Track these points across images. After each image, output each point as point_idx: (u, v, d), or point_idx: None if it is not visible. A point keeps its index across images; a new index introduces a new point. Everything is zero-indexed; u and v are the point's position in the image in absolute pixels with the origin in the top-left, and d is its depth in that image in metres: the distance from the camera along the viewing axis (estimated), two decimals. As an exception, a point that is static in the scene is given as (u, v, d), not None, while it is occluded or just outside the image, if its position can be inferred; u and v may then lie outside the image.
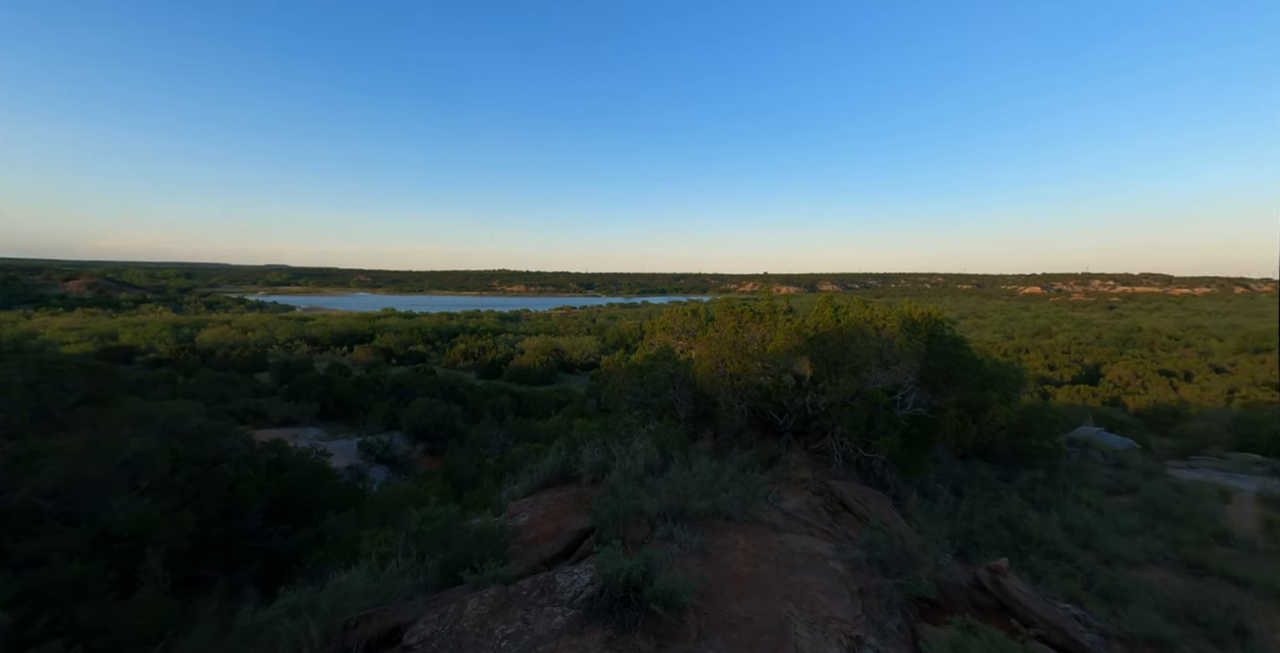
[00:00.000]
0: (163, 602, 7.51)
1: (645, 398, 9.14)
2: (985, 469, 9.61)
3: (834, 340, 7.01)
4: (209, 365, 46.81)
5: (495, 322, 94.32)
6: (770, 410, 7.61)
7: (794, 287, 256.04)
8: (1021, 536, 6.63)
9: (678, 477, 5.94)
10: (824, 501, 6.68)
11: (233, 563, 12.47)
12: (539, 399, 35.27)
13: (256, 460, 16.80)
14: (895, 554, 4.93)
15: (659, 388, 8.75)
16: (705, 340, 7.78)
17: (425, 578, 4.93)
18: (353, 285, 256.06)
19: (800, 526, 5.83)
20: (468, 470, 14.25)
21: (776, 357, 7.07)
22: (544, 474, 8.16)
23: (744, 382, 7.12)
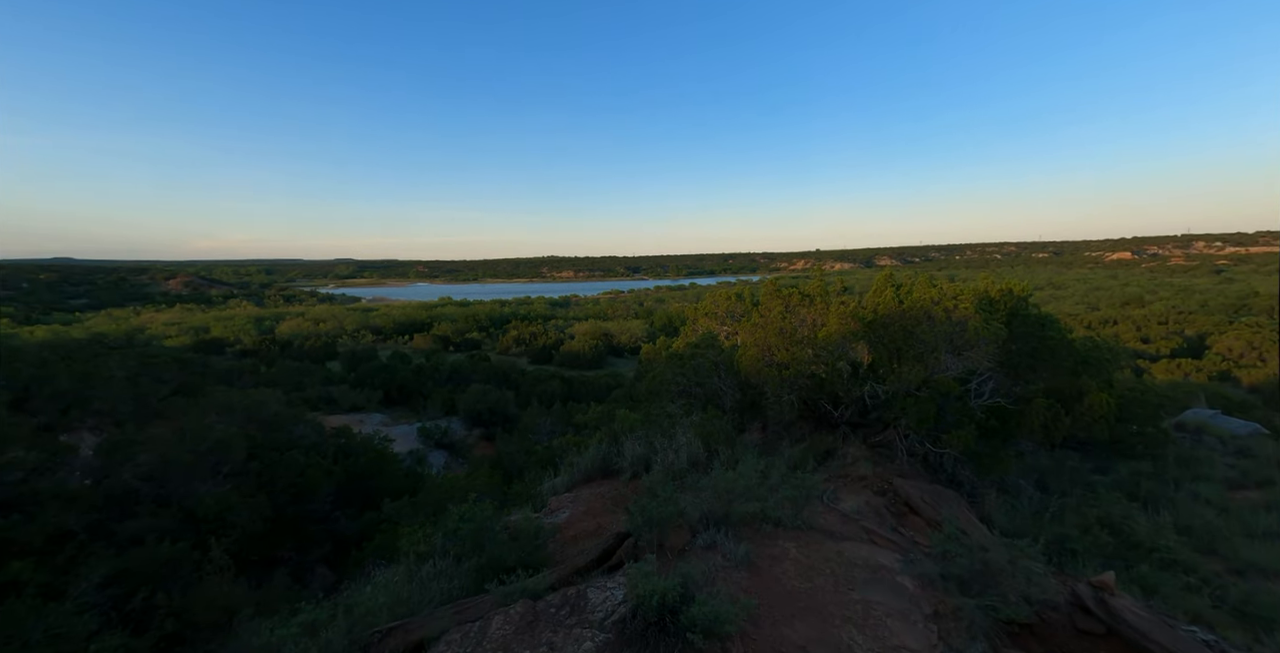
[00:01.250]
0: (230, 588, 7.93)
1: (688, 387, 8.70)
2: (1075, 460, 8.55)
3: (896, 324, 6.26)
4: (287, 355, 50.35)
5: (545, 308, 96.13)
6: (824, 401, 6.99)
7: (849, 263, 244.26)
8: (1127, 541, 5.75)
9: (721, 477, 5.49)
10: (887, 501, 6.04)
11: (305, 544, 13.25)
12: (589, 384, 35.58)
13: (325, 447, 17.79)
14: (975, 568, 4.30)
15: (702, 377, 8.26)
16: (750, 327, 7.19)
17: (459, 581, 4.78)
18: (412, 276, 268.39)
19: (859, 531, 5.26)
20: (516, 459, 14.42)
21: (830, 343, 6.41)
22: (584, 468, 7.93)
23: (793, 371, 6.53)
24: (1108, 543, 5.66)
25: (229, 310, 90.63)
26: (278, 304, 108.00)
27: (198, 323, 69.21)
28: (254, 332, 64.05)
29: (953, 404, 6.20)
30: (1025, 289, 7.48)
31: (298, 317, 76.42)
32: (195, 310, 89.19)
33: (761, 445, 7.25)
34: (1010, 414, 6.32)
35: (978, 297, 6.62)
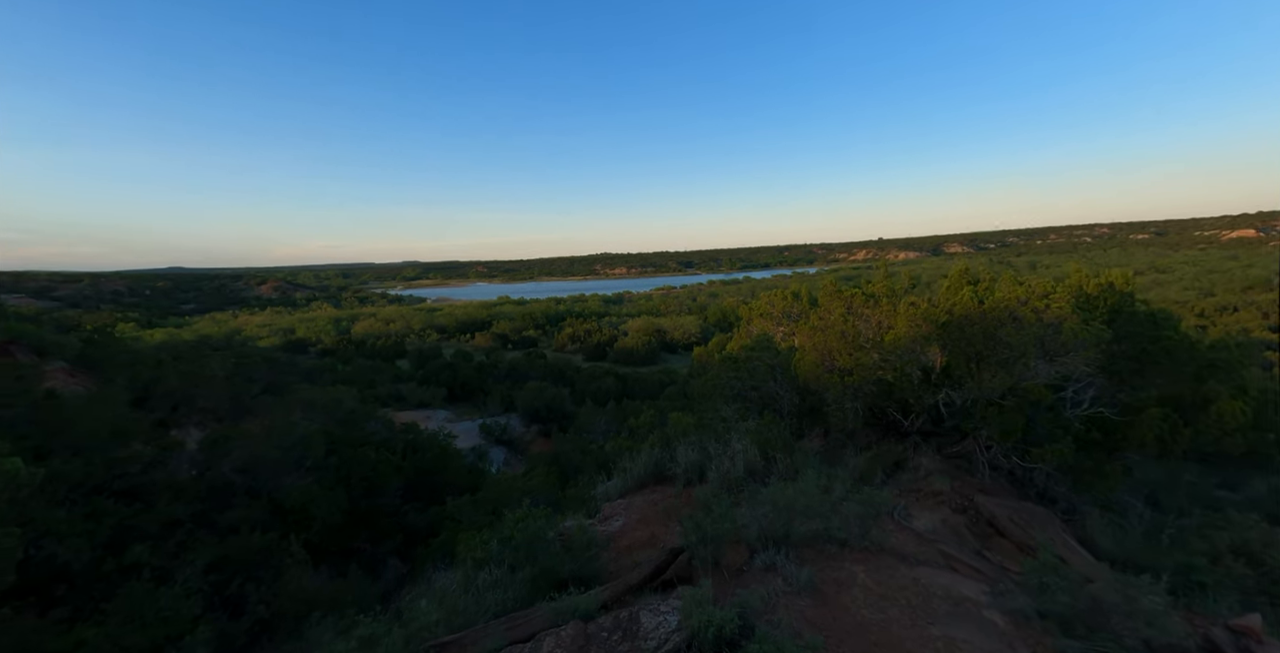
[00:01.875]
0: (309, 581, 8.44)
1: (743, 391, 8.37)
2: (1194, 473, 7.51)
3: (975, 327, 5.67)
4: (361, 354, 53.89)
5: (599, 305, 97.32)
6: (892, 409, 6.49)
7: (914, 251, 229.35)
8: (1271, 574, 4.93)
9: (780, 490, 5.18)
10: (967, 520, 5.51)
11: (378, 536, 14.00)
12: (642, 381, 35.64)
13: (395, 442, 18.76)
14: (1081, 604, 3.79)
15: (758, 381, 7.91)
16: (808, 330, 6.78)
17: (513, 592, 4.78)
18: (472, 276, 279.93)
19: (936, 555, 4.80)
20: (572, 458, 14.60)
21: (898, 347, 5.91)
22: (638, 474, 7.82)
23: (857, 378, 6.08)
24: (1245, 576, 4.88)
25: (311, 312, 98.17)
26: (353, 306, 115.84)
27: (285, 325, 75.42)
28: (332, 332, 69.02)
29: (1044, 414, 5.54)
30: (1128, 282, 6.56)
31: (370, 317, 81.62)
32: (283, 313, 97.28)
33: (823, 454, 6.84)
34: (1116, 426, 5.58)
35: (1075, 294, 5.86)
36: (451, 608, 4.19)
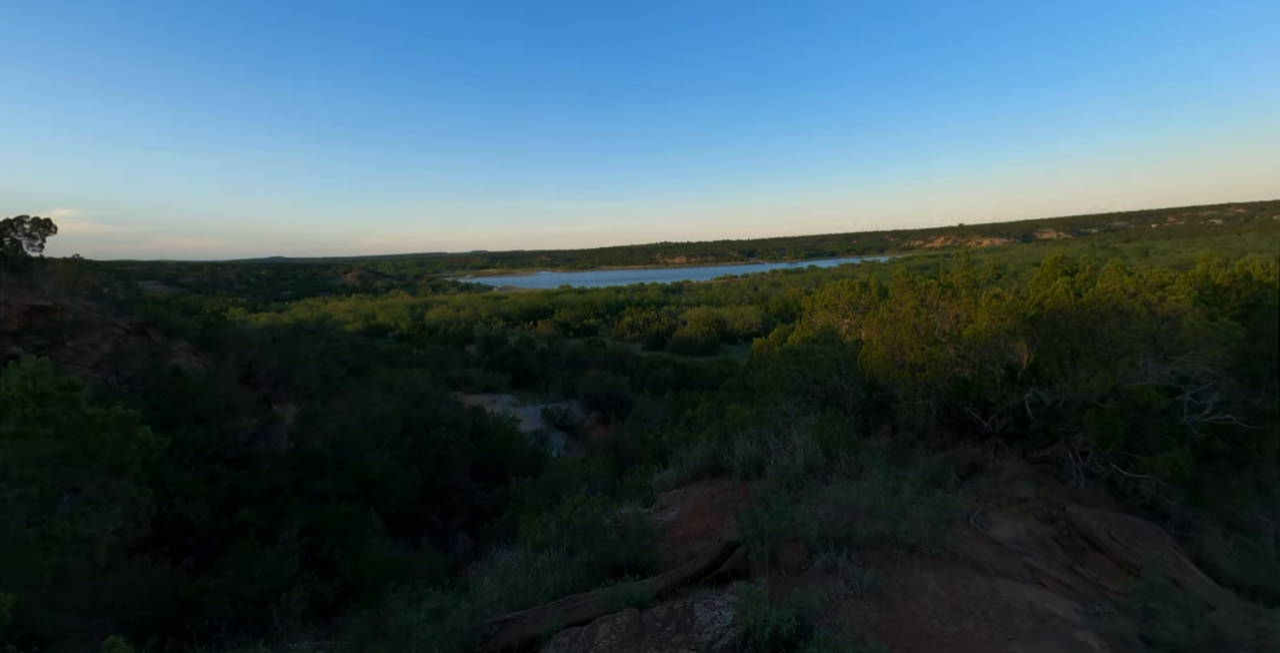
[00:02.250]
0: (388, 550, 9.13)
1: (805, 385, 8.09)
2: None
3: (1070, 321, 5.10)
4: (434, 340, 57.19)
5: (658, 294, 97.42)
6: (969, 408, 6.02)
7: (1000, 238, 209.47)
8: None
9: (843, 488, 4.98)
10: (1057, 531, 5.06)
11: (448, 512, 14.90)
12: (701, 371, 35.41)
13: (464, 424, 19.82)
14: (1198, 634, 3.38)
15: (821, 374, 7.61)
16: (877, 323, 6.40)
17: (571, 575, 4.92)
18: (535, 265, 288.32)
19: (1020, 567, 4.45)
20: (630, 446, 14.79)
21: (978, 343, 5.46)
22: (694, 465, 7.79)
23: (930, 374, 5.68)
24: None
25: (390, 299, 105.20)
26: (427, 294, 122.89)
27: (367, 311, 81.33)
28: (409, 318, 73.67)
29: (1155, 419, 4.92)
30: (1269, 272, 5.62)
31: (442, 305, 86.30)
32: (365, 299, 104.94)
33: (890, 454, 6.49)
34: (1248, 435, 4.87)
35: (1195, 285, 5.10)
36: (513, 587, 4.38)
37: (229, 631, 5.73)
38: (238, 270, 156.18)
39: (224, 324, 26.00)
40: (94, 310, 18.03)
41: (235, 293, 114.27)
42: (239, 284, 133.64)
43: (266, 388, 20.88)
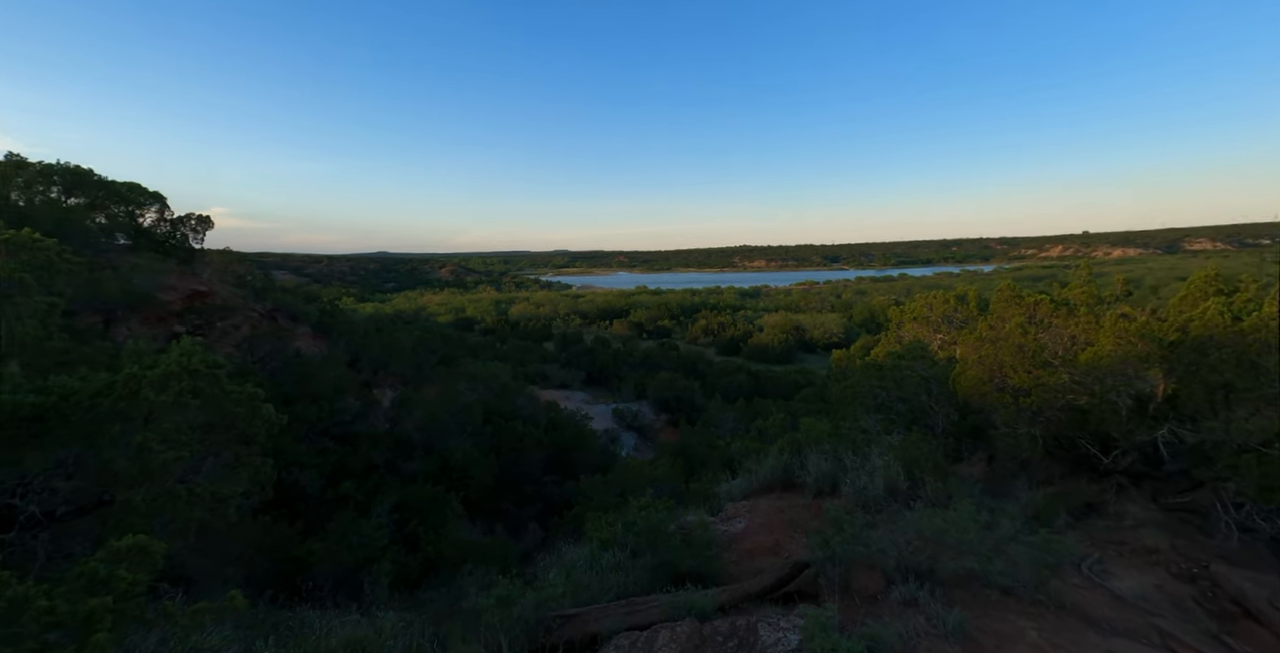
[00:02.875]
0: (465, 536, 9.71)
1: (888, 402, 7.60)
2: None
3: (1225, 349, 4.35)
4: (515, 335, 60.16)
5: (735, 298, 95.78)
6: (1085, 440, 5.34)
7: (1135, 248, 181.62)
8: None
9: (928, 516, 4.61)
10: (1197, 591, 4.35)
11: (521, 501, 15.59)
12: (776, 379, 34.37)
13: (539, 418, 20.67)
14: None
15: (907, 392, 7.09)
16: (974, 340, 5.85)
17: (634, 577, 4.96)
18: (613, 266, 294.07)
19: (1145, 627, 3.89)
20: (698, 451, 14.68)
21: (1099, 368, 4.82)
22: (764, 477, 7.58)
23: (1037, 399, 5.10)
24: None
25: (478, 295, 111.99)
26: (511, 290, 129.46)
27: (457, 305, 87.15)
28: (494, 313, 78.04)
29: (1334, 471, 4.07)
30: None
31: (524, 301, 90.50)
32: (456, 294, 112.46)
33: (985, 483, 5.92)
34: None
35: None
36: (577, 583, 4.50)
37: (329, 592, 6.40)
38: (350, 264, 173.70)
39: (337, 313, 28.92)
40: (238, 296, 20.83)
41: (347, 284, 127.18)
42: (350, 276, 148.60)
43: (368, 372, 22.99)
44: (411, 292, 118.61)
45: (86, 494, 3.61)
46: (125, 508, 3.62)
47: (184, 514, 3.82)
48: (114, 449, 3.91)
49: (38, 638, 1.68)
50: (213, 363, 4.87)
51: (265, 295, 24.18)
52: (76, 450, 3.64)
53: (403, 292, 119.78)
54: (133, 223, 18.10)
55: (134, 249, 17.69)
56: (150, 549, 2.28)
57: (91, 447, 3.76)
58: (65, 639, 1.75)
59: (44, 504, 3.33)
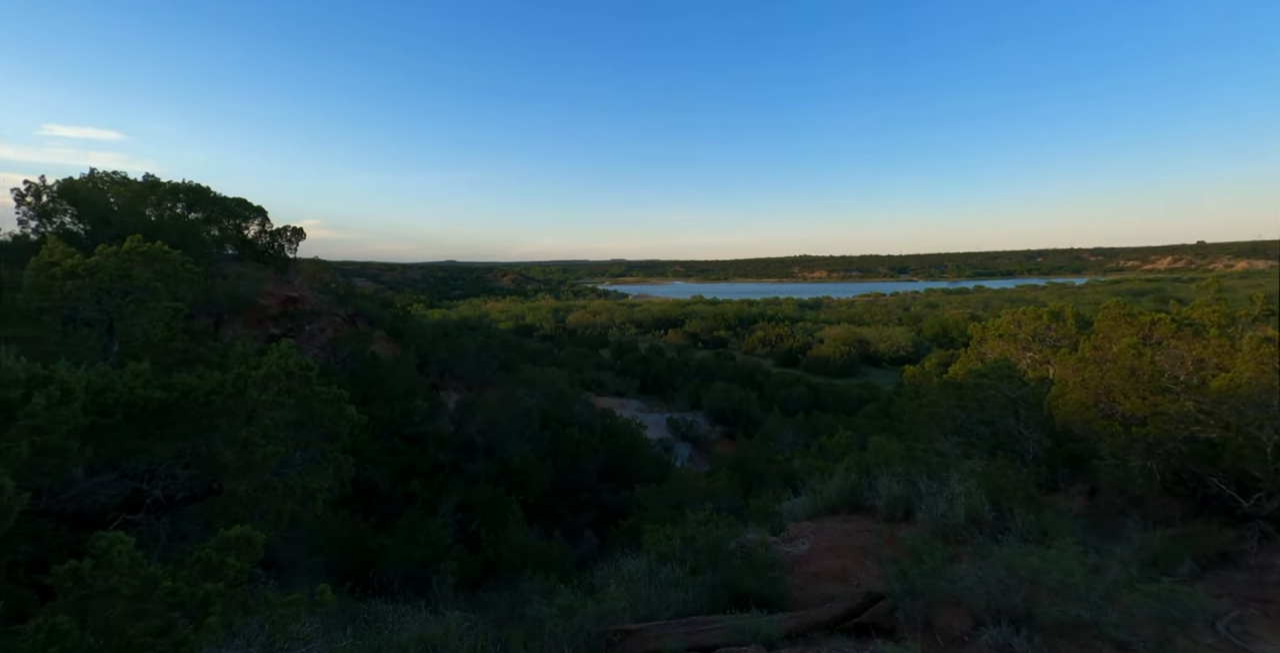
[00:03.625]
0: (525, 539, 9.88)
1: (969, 424, 7.06)
2: None
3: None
4: (573, 342, 61.37)
5: (794, 309, 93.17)
6: (1216, 479, 4.69)
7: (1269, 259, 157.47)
8: None
9: (1020, 553, 4.20)
10: (1357, 665, 3.70)
11: (577, 508, 15.74)
12: (837, 393, 32.97)
13: (594, 426, 20.86)
14: None
15: (992, 414, 6.55)
16: (1076, 361, 5.30)
17: (693, 594, 4.85)
18: (669, 275, 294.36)
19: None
20: (756, 466, 14.26)
21: (1234, 397, 4.23)
22: (829, 497, 7.23)
23: (1155, 430, 4.54)
24: None
25: (537, 302, 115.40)
26: (569, 298, 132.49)
27: (518, 311, 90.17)
28: (552, 320, 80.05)
29: None
30: None
31: (581, 309, 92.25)
32: (517, 301, 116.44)
33: (1087, 520, 5.34)
34: None
35: None
36: (636, 597, 4.44)
37: (399, 586, 6.70)
38: (421, 271, 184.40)
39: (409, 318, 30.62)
40: (324, 302, 22.56)
41: (418, 290, 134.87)
42: (421, 283, 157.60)
43: (435, 376, 24.13)
44: (476, 298, 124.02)
45: (199, 483, 3.99)
46: (230, 498, 3.95)
47: (278, 506, 4.12)
48: (222, 443, 4.28)
49: (163, 616, 1.85)
50: (305, 366, 5.25)
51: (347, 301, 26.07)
52: (193, 443, 4.03)
53: (468, 298, 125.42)
54: (239, 234, 20.08)
55: (239, 258, 19.62)
56: (253, 540, 2.46)
57: (204, 440, 4.14)
58: (184, 619, 1.92)
59: (166, 490, 3.70)
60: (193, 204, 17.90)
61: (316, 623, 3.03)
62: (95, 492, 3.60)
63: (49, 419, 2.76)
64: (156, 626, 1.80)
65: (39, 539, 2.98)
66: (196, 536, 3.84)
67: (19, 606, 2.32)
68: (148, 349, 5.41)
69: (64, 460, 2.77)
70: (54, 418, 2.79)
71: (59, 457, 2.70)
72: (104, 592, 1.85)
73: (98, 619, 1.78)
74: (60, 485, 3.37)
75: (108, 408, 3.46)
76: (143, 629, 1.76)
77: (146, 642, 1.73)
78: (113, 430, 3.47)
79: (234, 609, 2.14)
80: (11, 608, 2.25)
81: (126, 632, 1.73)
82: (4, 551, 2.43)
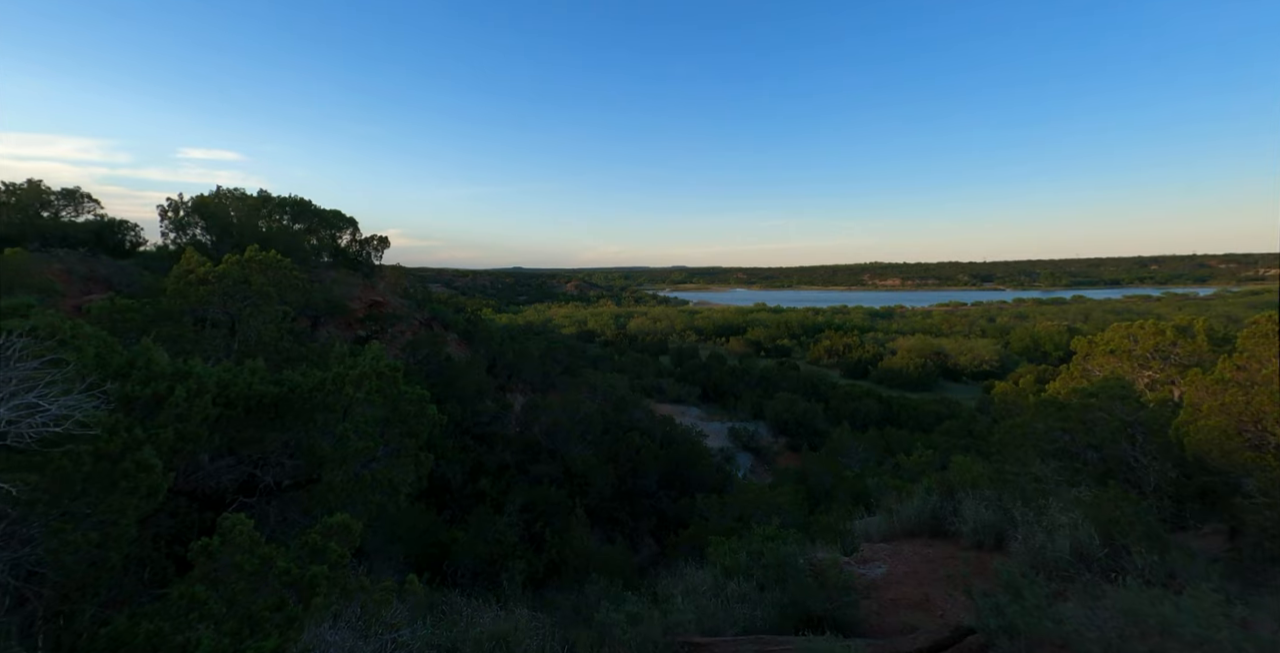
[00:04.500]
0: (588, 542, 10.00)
1: (1074, 448, 6.39)
2: None
3: None
4: (633, 348, 61.84)
5: (863, 318, 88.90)
6: (1401, 525, 3.93)
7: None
8: None
9: (1147, 603, 3.73)
10: None
11: (637, 514, 15.76)
12: (912, 408, 31.00)
13: (654, 432, 20.85)
14: None
15: (1102, 439, 5.88)
16: (1212, 383, 4.64)
17: (761, 612, 4.69)
18: (731, 282, 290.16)
19: None
20: (823, 481, 13.63)
21: None
22: (907, 519, 6.78)
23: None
24: None
25: (598, 308, 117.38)
26: (630, 304, 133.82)
27: (580, 317, 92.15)
28: (613, 326, 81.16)
29: None
30: None
31: (642, 316, 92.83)
32: (580, 307, 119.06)
33: (1228, 565, 4.65)
34: None
35: None
36: (703, 610, 4.35)
37: (468, 580, 6.97)
38: (490, 277, 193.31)
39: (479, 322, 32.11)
40: (404, 306, 24.16)
41: (487, 296, 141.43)
42: (490, 289, 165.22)
43: (503, 378, 25.08)
44: (540, 304, 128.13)
45: (301, 472, 4.36)
46: (327, 487, 4.29)
47: (368, 497, 4.43)
48: (320, 436, 4.67)
49: (278, 593, 2.03)
50: (393, 367, 5.62)
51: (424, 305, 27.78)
52: (297, 435, 4.43)
53: (533, 304, 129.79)
54: (334, 243, 21.98)
55: (334, 265, 21.44)
56: (351, 527, 2.65)
57: (306, 432, 4.54)
58: (294, 598, 2.09)
59: (275, 476, 4.07)
60: (297, 216, 19.81)
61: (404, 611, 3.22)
62: (218, 475, 4.02)
63: (188, 409, 3.12)
64: (273, 601, 1.98)
65: (176, 516, 3.37)
66: (298, 521, 4.20)
67: (160, 573, 2.62)
68: (261, 348, 6.04)
69: (198, 446, 3.13)
70: (192, 408, 3.15)
71: (194, 443, 3.05)
72: (229, 567, 2.06)
73: (225, 592, 1.98)
74: (191, 469, 3.81)
75: (231, 401, 3.87)
76: (261, 604, 1.94)
77: (264, 616, 1.91)
78: (234, 421, 3.88)
79: (336, 591, 2.31)
80: (154, 575, 2.55)
81: (249, 604, 1.92)
82: (150, 524, 2.76)
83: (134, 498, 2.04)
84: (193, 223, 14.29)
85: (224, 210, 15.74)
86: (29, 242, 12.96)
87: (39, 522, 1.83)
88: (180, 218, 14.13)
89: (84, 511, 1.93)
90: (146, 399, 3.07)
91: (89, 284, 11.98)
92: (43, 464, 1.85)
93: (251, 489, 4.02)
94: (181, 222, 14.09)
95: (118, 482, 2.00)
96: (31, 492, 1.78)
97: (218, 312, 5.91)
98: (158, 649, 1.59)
